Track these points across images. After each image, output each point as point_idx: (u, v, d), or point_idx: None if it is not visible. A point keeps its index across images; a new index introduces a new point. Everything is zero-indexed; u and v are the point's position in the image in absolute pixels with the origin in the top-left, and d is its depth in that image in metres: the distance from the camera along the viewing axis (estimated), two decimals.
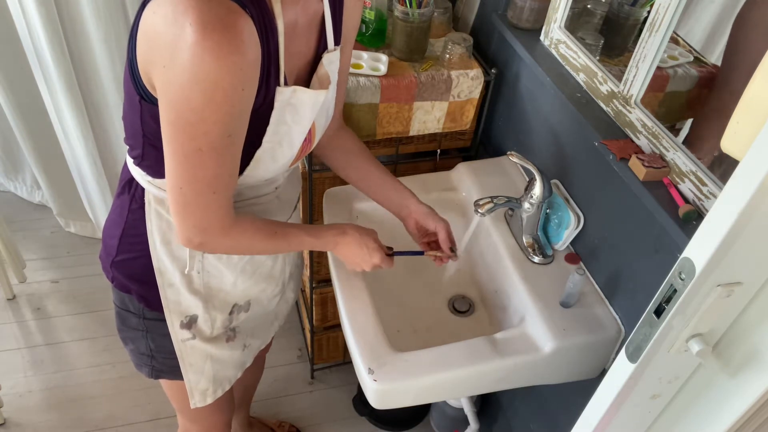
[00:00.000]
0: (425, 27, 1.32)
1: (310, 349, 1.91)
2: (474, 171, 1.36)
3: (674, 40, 0.99)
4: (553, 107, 1.23)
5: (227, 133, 0.77)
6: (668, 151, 0.95)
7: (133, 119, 0.87)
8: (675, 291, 0.65)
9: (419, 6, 1.28)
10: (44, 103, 1.92)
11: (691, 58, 1.01)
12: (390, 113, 1.34)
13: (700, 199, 0.89)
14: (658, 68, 0.99)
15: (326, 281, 1.64)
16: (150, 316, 1.04)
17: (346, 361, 1.97)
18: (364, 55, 1.33)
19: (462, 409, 1.62)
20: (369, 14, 1.35)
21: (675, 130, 0.98)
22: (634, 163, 0.96)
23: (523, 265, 1.17)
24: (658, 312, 0.68)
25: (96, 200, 2.18)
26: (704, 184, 0.89)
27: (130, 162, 0.95)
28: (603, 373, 1.14)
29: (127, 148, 0.94)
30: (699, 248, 0.61)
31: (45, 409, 1.83)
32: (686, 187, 0.92)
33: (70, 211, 2.31)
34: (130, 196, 0.97)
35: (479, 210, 1.10)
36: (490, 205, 1.11)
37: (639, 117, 1.01)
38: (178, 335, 1.05)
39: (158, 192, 0.94)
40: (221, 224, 0.87)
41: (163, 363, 1.10)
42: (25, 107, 2.03)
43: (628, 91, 1.03)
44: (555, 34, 1.23)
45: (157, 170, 0.91)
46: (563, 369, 1.10)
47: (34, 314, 2.08)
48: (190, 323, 1.05)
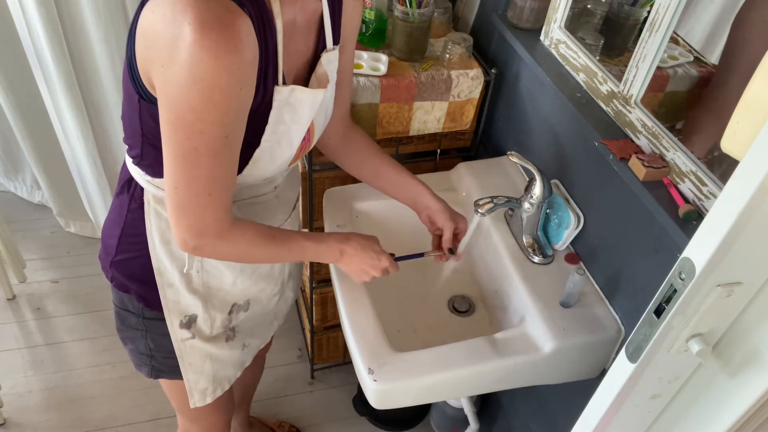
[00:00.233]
0: (425, 27, 1.32)
1: (310, 349, 1.91)
2: (474, 171, 1.36)
3: (674, 40, 0.99)
4: (553, 107, 1.22)
5: (225, 132, 0.77)
6: (668, 151, 0.95)
7: (132, 118, 0.87)
8: (675, 291, 0.65)
9: (419, 6, 1.28)
10: (44, 103, 1.92)
11: (691, 58, 1.01)
12: (390, 113, 1.34)
13: (700, 199, 0.89)
14: (658, 68, 0.99)
15: (326, 281, 1.64)
16: (149, 316, 1.04)
17: (346, 361, 1.96)
18: (364, 55, 1.33)
19: (462, 409, 1.62)
20: (369, 14, 1.35)
21: (675, 130, 0.97)
22: (634, 163, 0.96)
23: (523, 265, 1.17)
24: (658, 312, 0.68)
25: (96, 200, 2.18)
26: (704, 184, 0.88)
27: (129, 161, 0.95)
28: (603, 373, 1.14)
29: (126, 147, 0.94)
30: (699, 248, 0.61)
31: (45, 409, 1.83)
32: (686, 187, 0.92)
33: (70, 211, 2.31)
34: (130, 195, 0.97)
35: (479, 210, 1.10)
36: (490, 205, 1.11)
37: (639, 117, 1.01)
38: (177, 335, 1.05)
39: (157, 191, 0.94)
40: (217, 227, 0.86)
41: (162, 363, 1.10)
42: (25, 107, 2.03)
43: (628, 91, 1.03)
44: (555, 34, 1.23)
45: (156, 169, 0.91)
46: (563, 369, 1.10)
47: (34, 314, 2.08)
48: (189, 323, 1.04)
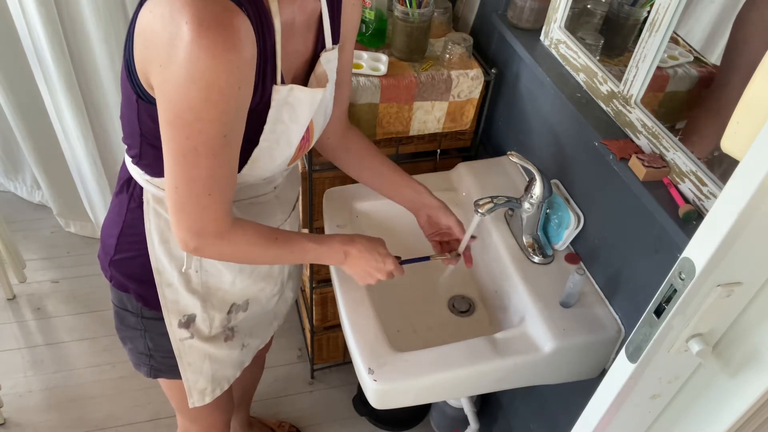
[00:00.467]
0: (425, 27, 1.32)
1: (310, 349, 1.91)
2: (474, 171, 1.36)
3: (674, 40, 0.99)
4: (553, 107, 1.22)
5: (224, 132, 0.77)
6: (668, 151, 0.95)
7: (131, 118, 0.87)
8: (675, 291, 0.65)
9: (419, 6, 1.28)
10: (44, 103, 1.92)
11: (691, 58, 1.01)
12: (390, 113, 1.34)
13: (700, 199, 0.89)
14: (658, 68, 0.99)
15: (326, 281, 1.64)
16: (148, 315, 1.04)
17: (346, 361, 1.96)
18: (364, 55, 1.33)
19: (462, 409, 1.62)
20: (369, 14, 1.35)
21: (675, 130, 0.97)
22: (634, 163, 0.96)
23: (523, 265, 1.17)
24: (658, 312, 0.68)
25: (96, 200, 2.18)
26: (704, 184, 0.88)
27: (128, 161, 0.95)
28: (603, 373, 1.14)
29: (125, 147, 0.94)
30: (699, 248, 0.61)
31: (45, 409, 1.83)
32: (686, 187, 0.92)
33: (70, 211, 2.31)
34: (129, 195, 0.97)
35: (479, 210, 1.10)
36: (490, 205, 1.11)
37: (639, 117, 1.01)
38: (176, 334, 1.04)
39: (156, 191, 0.94)
40: (217, 228, 0.86)
41: (161, 362, 1.10)
42: (25, 107, 2.03)
43: (628, 91, 1.03)
44: (555, 34, 1.23)
45: (155, 169, 0.91)
46: (563, 369, 1.10)
47: (34, 314, 2.08)
48: (188, 322, 1.04)
